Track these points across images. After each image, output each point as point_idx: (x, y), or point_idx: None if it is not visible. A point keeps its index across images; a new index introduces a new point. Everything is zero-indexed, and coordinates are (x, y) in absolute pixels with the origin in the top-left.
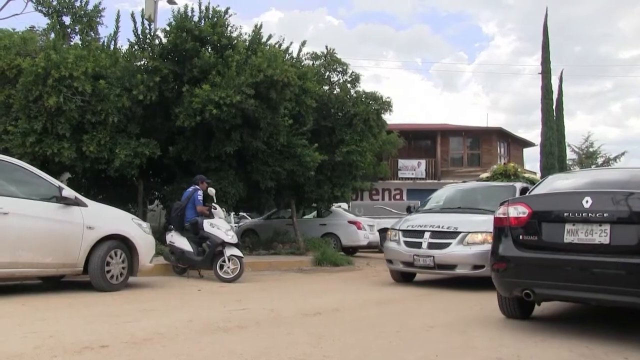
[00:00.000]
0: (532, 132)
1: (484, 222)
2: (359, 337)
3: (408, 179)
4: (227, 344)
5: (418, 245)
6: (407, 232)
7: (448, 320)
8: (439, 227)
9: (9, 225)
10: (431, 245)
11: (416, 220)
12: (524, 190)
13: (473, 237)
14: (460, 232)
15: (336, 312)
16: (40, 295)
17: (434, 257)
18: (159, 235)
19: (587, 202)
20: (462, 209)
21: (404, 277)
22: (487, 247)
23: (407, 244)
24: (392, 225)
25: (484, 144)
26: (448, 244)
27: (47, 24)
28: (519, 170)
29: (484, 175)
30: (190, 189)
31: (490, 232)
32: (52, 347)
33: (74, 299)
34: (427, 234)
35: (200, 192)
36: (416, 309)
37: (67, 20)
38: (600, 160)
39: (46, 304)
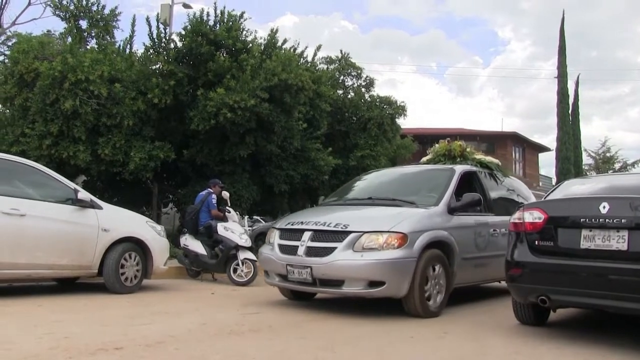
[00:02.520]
0: (548, 137)
1: (392, 218)
2: (374, 342)
3: None
4: (240, 347)
5: (293, 250)
6: (284, 233)
7: (461, 326)
8: (324, 224)
9: (26, 227)
10: (310, 251)
11: (300, 216)
12: (466, 175)
13: (369, 239)
14: (350, 233)
15: (346, 316)
16: (56, 296)
17: (311, 268)
18: (173, 238)
19: (604, 207)
20: (373, 200)
21: (297, 294)
22: (391, 254)
23: (282, 248)
24: (272, 223)
25: (499, 149)
26: (332, 250)
27: (65, 28)
28: (469, 149)
29: (425, 158)
30: (204, 192)
31: (399, 233)
32: (67, 348)
33: (88, 300)
34: (306, 235)
35: (213, 196)
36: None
37: (84, 24)
38: (617, 166)
39: (62, 306)
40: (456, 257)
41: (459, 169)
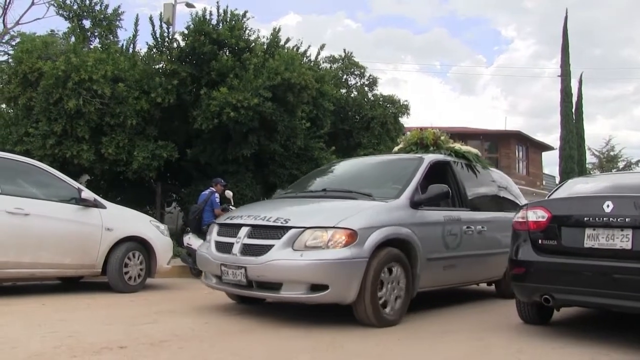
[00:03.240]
0: (551, 136)
1: (341, 212)
2: (376, 340)
3: None
4: (243, 346)
5: (229, 248)
6: (222, 228)
7: (465, 324)
8: (263, 219)
9: (30, 226)
10: (245, 250)
11: (244, 209)
12: (436, 165)
13: (312, 236)
14: (289, 228)
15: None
16: (60, 295)
17: (245, 268)
18: (177, 238)
19: (608, 206)
20: (328, 192)
21: (243, 298)
22: (337, 253)
23: (218, 246)
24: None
25: (502, 148)
26: (268, 248)
27: (68, 27)
28: (443, 138)
29: (397, 148)
30: (207, 191)
31: (347, 230)
32: (71, 347)
33: (92, 299)
34: (243, 231)
35: (217, 195)
36: (432, 314)
37: (87, 24)
38: (621, 164)
39: (65, 305)
40: (419, 257)
41: (429, 158)
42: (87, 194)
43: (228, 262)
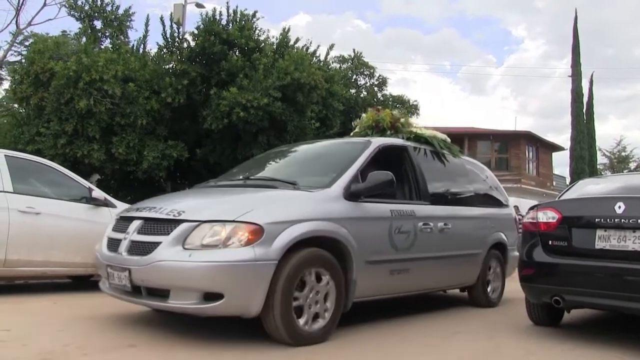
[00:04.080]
0: (562, 136)
1: (249, 203)
2: (384, 341)
3: None
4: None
5: (117, 246)
6: (118, 222)
7: (474, 325)
8: (158, 210)
9: (41, 225)
10: (133, 248)
11: (150, 200)
12: (387, 151)
13: (209, 232)
14: (181, 222)
15: (359, 316)
16: (71, 294)
17: (130, 270)
18: None
19: (619, 207)
20: (249, 180)
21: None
22: (235, 253)
23: (109, 243)
24: None
25: (512, 148)
26: (155, 245)
27: (79, 28)
28: (403, 120)
29: (353, 133)
30: None
31: (251, 224)
32: (81, 346)
33: (102, 298)
34: (134, 225)
35: None
36: (441, 315)
37: (98, 24)
38: (632, 165)
39: (76, 303)
40: (355, 260)
41: (377, 142)
42: (97, 193)
43: (114, 262)
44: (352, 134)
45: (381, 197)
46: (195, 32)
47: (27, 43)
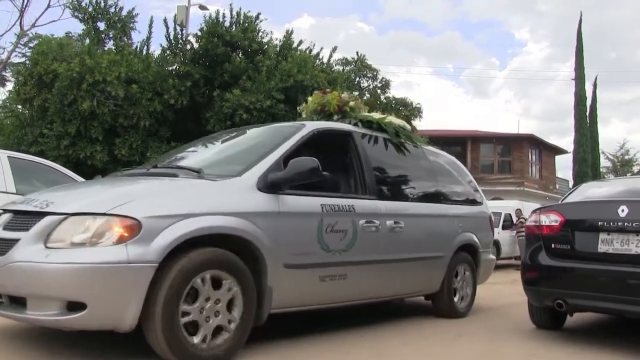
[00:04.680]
0: (565, 140)
1: (132, 193)
2: (386, 344)
3: None
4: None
5: None
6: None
7: (477, 329)
8: (30, 202)
9: None
10: None
11: (46, 191)
12: (322, 136)
13: (75, 227)
14: (45, 215)
15: (362, 319)
16: None
17: None
18: None
19: (622, 211)
20: (157, 168)
21: None
22: (101, 254)
23: None
24: None
25: (515, 151)
26: (14, 243)
27: (83, 29)
28: (353, 104)
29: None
30: None
31: (126, 218)
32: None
33: None
34: (2, 219)
35: None
36: (443, 318)
37: (101, 26)
38: (636, 168)
39: None
40: (269, 263)
41: (312, 125)
42: None
43: None
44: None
45: (313, 189)
46: (199, 34)
47: (31, 45)
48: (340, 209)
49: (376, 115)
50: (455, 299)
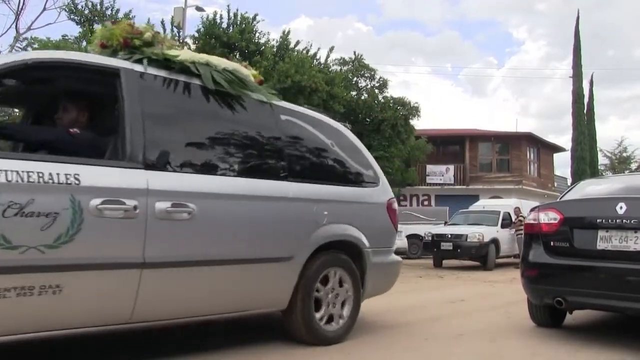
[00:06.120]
0: (563, 138)
1: None
2: (386, 344)
3: (436, 184)
4: None
5: None
6: None
7: (477, 327)
8: None
9: None
10: None
11: None
12: (45, 71)
13: None
14: None
15: (361, 319)
16: None
17: None
18: None
19: (621, 208)
20: None
21: None
22: None
23: None
24: None
25: (514, 150)
26: None
27: (79, 32)
28: (148, 35)
29: None
30: None
31: None
32: None
33: None
34: None
35: None
36: (444, 317)
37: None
38: (634, 166)
39: None
40: None
41: (28, 56)
42: None
43: None
44: None
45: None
46: (196, 35)
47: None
48: (44, 181)
49: (189, 53)
50: (318, 316)
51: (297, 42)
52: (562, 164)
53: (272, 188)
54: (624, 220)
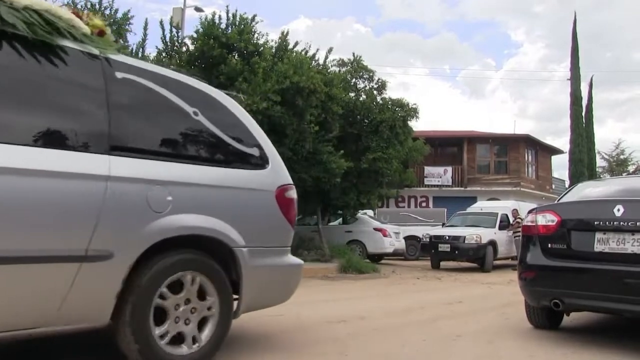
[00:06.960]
0: (561, 140)
1: None
2: (385, 346)
3: (434, 186)
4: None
5: None
6: None
7: (475, 329)
8: None
9: None
10: None
11: None
12: None
13: None
14: None
15: (361, 320)
16: None
17: None
18: None
19: (618, 210)
20: None
21: None
22: None
23: None
24: None
25: (512, 151)
26: None
27: None
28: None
29: None
30: None
31: None
32: None
33: None
34: None
35: None
36: (442, 319)
37: None
38: (631, 168)
39: None
40: None
41: None
42: None
43: None
44: None
45: None
46: (195, 35)
47: None
48: None
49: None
50: (158, 332)
51: (296, 43)
52: (560, 166)
53: (77, 163)
54: (621, 223)
